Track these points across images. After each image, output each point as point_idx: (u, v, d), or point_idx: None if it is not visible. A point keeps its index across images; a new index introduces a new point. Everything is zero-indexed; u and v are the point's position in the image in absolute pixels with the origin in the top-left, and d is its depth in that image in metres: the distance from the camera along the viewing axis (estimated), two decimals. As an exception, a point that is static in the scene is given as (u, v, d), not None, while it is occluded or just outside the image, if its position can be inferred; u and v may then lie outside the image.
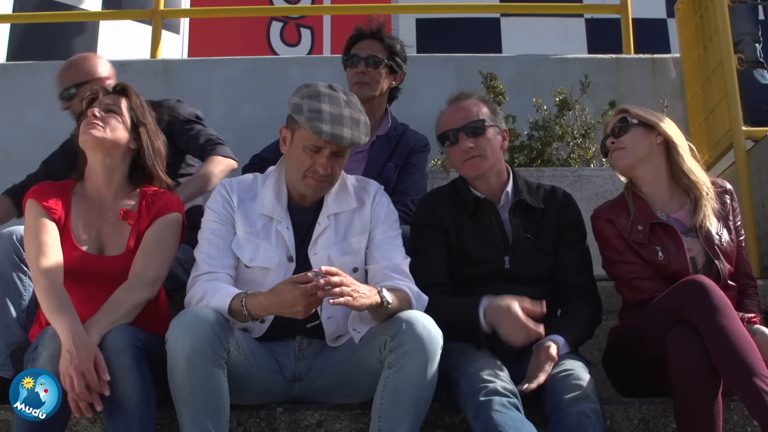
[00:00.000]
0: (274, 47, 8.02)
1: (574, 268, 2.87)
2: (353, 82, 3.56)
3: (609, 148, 2.94)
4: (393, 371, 2.42)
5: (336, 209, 2.73)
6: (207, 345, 2.36)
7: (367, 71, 3.55)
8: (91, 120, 2.74)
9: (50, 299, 2.54)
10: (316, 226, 2.70)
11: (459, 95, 3.00)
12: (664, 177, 2.91)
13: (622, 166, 2.93)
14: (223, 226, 2.69)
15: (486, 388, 2.44)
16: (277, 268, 2.65)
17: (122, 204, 2.78)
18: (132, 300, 2.60)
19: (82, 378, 2.37)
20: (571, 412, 2.44)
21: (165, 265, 2.71)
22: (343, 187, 2.77)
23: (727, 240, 2.85)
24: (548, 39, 7.05)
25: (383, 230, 2.74)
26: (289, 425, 2.62)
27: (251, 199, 2.72)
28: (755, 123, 4.09)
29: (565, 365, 2.59)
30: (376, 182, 2.86)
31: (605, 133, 2.99)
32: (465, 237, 2.85)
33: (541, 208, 2.90)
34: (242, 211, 2.70)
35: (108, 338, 2.44)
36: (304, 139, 2.62)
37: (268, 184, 2.74)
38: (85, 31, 7.01)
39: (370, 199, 2.78)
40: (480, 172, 2.87)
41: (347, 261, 2.68)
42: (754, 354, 2.44)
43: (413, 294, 2.61)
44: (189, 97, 4.66)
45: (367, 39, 3.61)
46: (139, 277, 2.65)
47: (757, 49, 4.31)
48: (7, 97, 4.74)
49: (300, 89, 2.65)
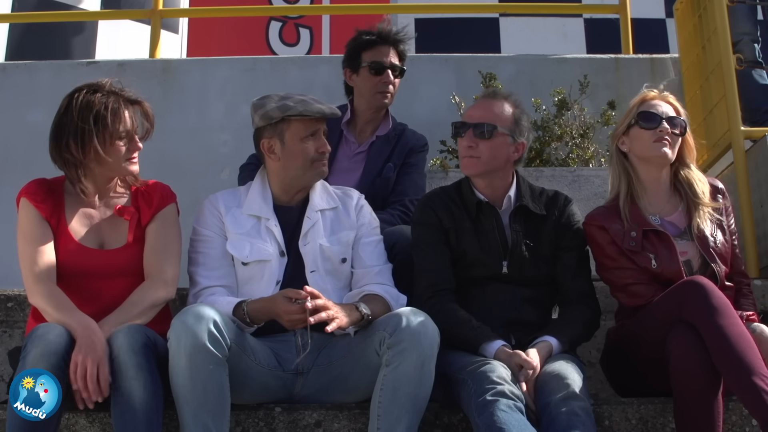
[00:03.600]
0: (273, 47, 8.01)
1: (572, 271, 2.87)
2: (379, 90, 3.52)
3: (665, 134, 2.84)
4: (391, 369, 2.44)
5: (322, 205, 2.86)
6: (208, 342, 2.38)
7: (393, 82, 3.54)
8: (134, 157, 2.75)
9: (51, 301, 2.56)
10: (305, 220, 2.81)
11: (492, 93, 3.01)
12: (668, 179, 2.90)
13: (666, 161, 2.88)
14: (213, 234, 2.80)
15: (494, 389, 2.45)
16: (273, 261, 2.74)
17: (115, 200, 2.79)
18: (149, 300, 2.63)
19: (95, 368, 2.40)
20: (560, 412, 2.44)
21: (177, 260, 2.74)
22: (324, 188, 2.92)
23: (721, 241, 2.85)
24: (547, 39, 7.04)
25: (367, 233, 2.87)
26: (287, 425, 2.63)
27: (237, 206, 2.85)
28: (754, 123, 4.08)
29: (553, 366, 2.60)
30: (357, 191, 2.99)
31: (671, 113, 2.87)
32: (464, 239, 2.85)
33: (542, 214, 2.89)
34: (230, 216, 2.82)
35: (121, 336, 2.45)
36: (298, 132, 2.79)
37: (253, 189, 2.88)
38: (84, 30, 7.01)
39: (354, 203, 2.92)
40: (471, 172, 2.88)
41: (337, 251, 2.80)
42: (753, 353, 2.45)
43: (391, 296, 2.73)
44: (188, 96, 4.69)
45: (387, 44, 3.56)
46: (156, 278, 2.68)
47: (756, 49, 4.31)
48: (5, 97, 4.73)
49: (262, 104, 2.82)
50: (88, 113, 2.66)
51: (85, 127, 2.66)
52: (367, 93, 3.54)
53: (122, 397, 2.41)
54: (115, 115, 2.68)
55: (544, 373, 2.58)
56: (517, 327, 2.77)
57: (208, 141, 4.64)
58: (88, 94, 2.70)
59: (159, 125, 2.88)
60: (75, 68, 4.72)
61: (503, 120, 2.86)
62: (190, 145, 4.61)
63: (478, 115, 2.88)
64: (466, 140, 2.85)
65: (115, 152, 2.70)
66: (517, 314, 2.79)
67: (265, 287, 2.73)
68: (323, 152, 2.82)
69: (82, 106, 2.68)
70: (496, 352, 2.61)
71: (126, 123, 2.71)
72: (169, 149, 4.43)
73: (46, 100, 4.07)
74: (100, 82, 2.75)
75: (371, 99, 3.54)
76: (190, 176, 4.37)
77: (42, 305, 2.59)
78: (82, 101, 2.68)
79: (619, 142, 2.93)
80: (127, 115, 2.71)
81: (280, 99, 2.81)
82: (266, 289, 2.73)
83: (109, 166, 2.72)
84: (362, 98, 3.58)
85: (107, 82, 2.75)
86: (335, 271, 2.80)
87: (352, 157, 3.54)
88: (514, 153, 2.89)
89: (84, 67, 4.73)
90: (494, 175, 2.88)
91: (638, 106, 2.91)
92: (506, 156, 2.87)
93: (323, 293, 2.61)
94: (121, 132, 2.69)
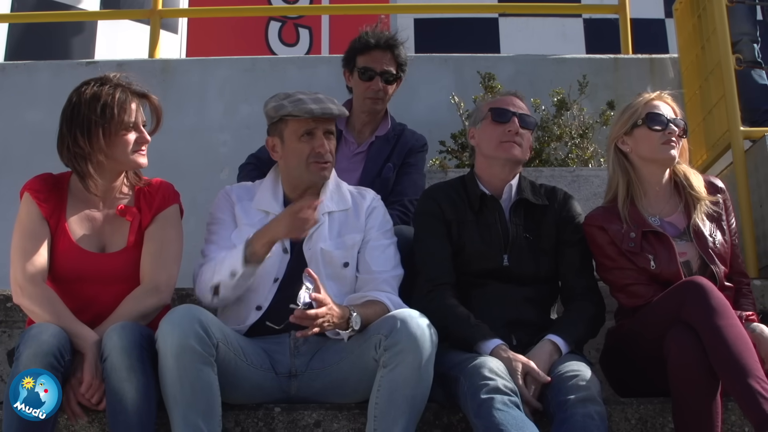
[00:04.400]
0: (273, 47, 8.01)
1: (575, 267, 2.88)
2: (367, 96, 3.54)
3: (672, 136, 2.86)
4: (388, 370, 2.43)
5: (331, 207, 2.83)
6: (195, 342, 2.38)
7: (384, 87, 3.54)
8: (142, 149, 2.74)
9: (47, 307, 2.56)
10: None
11: (518, 93, 3.02)
12: (669, 179, 2.91)
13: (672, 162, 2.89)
14: (227, 218, 2.82)
15: (487, 386, 2.44)
16: (274, 256, 2.71)
17: (118, 201, 2.78)
18: (137, 311, 2.62)
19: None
20: (576, 412, 2.44)
21: (174, 263, 2.72)
22: (338, 188, 2.88)
23: (720, 241, 2.85)
24: (546, 39, 7.04)
25: (377, 237, 2.82)
26: (286, 425, 2.62)
27: (249, 199, 2.86)
28: (753, 123, 4.08)
29: (571, 365, 2.59)
30: (373, 191, 2.95)
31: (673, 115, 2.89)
32: (466, 231, 2.86)
33: (544, 204, 2.91)
34: (241, 207, 2.83)
35: (114, 337, 2.44)
36: (296, 130, 2.78)
37: (265, 185, 2.88)
38: (83, 30, 7.00)
39: (366, 204, 2.88)
40: (511, 156, 2.88)
41: (339, 255, 2.76)
42: (750, 355, 2.44)
43: (393, 304, 2.67)
44: (187, 96, 4.69)
45: (380, 49, 3.55)
46: (147, 285, 2.67)
47: (756, 49, 4.31)
48: (4, 97, 4.73)
49: (270, 99, 2.85)
50: (95, 104, 2.66)
51: (92, 118, 2.65)
52: (359, 97, 3.57)
53: (115, 398, 2.41)
54: (121, 106, 2.68)
55: (561, 371, 2.57)
56: (517, 327, 2.77)
57: (207, 141, 4.64)
58: (95, 86, 2.71)
59: (158, 125, 2.87)
60: (74, 68, 4.71)
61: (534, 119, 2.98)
62: (189, 145, 4.61)
63: (522, 106, 2.94)
64: (514, 126, 2.88)
65: (123, 143, 2.69)
66: (518, 314, 2.79)
67: (263, 282, 2.72)
68: (319, 152, 2.77)
69: (89, 98, 2.68)
70: (492, 352, 2.61)
71: (133, 114, 2.70)
72: (169, 149, 4.42)
73: (46, 100, 4.08)
74: (107, 75, 2.76)
75: (362, 103, 3.56)
76: (189, 176, 4.36)
77: (30, 307, 2.59)
78: (90, 93, 2.68)
79: (620, 142, 2.93)
80: (134, 107, 2.71)
81: (283, 98, 2.81)
82: (264, 284, 2.72)
83: (117, 158, 2.70)
84: (357, 100, 3.60)
85: (115, 76, 2.75)
86: (337, 276, 2.76)
87: (352, 158, 3.54)
88: (530, 151, 2.98)
89: (83, 67, 4.73)
90: (517, 168, 2.93)
91: (644, 107, 2.90)
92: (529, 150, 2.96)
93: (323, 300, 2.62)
94: (128, 123, 2.69)
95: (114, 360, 2.41)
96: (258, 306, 2.71)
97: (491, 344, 2.63)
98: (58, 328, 2.48)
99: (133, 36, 6.82)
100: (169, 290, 2.71)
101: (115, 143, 2.68)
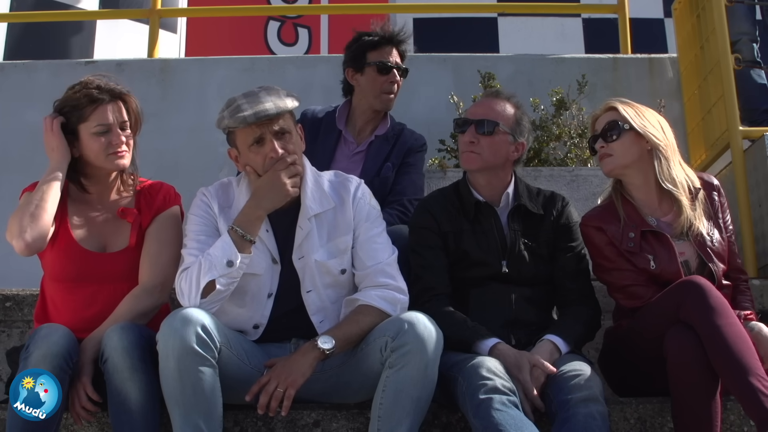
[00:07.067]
0: (272, 47, 8.01)
1: (571, 273, 2.87)
2: (384, 91, 3.52)
3: (597, 150, 2.91)
4: (394, 371, 2.42)
5: (316, 209, 2.69)
6: (197, 345, 2.37)
7: (398, 81, 3.54)
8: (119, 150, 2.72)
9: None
10: (298, 230, 2.66)
11: (495, 92, 3.01)
12: (652, 181, 2.86)
13: (609, 172, 2.89)
14: (208, 228, 2.67)
15: (485, 386, 2.44)
16: (264, 273, 2.65)
17: (118, 201, 2.78)
18: (134, 311, 2.62)
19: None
20: (578, 412, 2.44)
21: (171, 264, 2.70)
22: (317, 185, 2.73)
23: (718, 239, 2.85)
24: (545, 39, 7.05)
25: (367, 228, 2.73)
26: (286, 425, 2.62)
27: (229, 206, 2.71)
28: (752, 123, 4.09)
29: (572, 365, 2.59)
30: (356, 177, 2.83)
31: (593, 130, 2.93)
32: (464, 240, 2.85)
33: (540, 213, 2.90)
34: (223, 217, 2.69)
35: (114, 337, 2.44)
36: (244, 141, 2.64)
37: (241, 191, 2.73)
38: (82, 30, 7.01)
39: (350, 196, 2.74)
40: (472, 167, 2.88)
41: (334, 264, 2.68)
42: (750, 353, 2.45)
43: (388, 302, 2.61)
44: (186, 96, 4.69)
45: (392, 44, 3.56)
46: (144, 285, 2.67)
47: (755, 48, 4.31)
48: (4, 97, 4.74)
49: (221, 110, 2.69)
50: (69, 108, 2.72)
51: (67, 122, 2.71)
52: (371, 93, 3.53)
53: (118, 398, 2.41)
54: (93, 108, 2.70)
55: (563, 371, 2.57)
56: (517, 327, 2.77)
57: (206, 140, 4.62)
58: (71, 91, 2.75)
59: (157, 125, 2.89)
60: (73, 68, 4.71)
61: (505, 118, 2.88)
62: (188, 144, 4.61)
63: (480, 112, 2.89)
64: (468, 136, 2.86)
65: (96, 146, 2.70)
66: (517, 314, 2.79)
67: (257, 299, 2.65)
68: (272, 157, 2.60)
69: (65, 102, 2.74)
70: (491, 350, 2.61)
71: (105, 116, 2.70)
72: (168, 149, 4.43)
73: (45, 99, 4.05)
74: (88, 77, 2.78)
75: (374, 99, 3.53)
76: (188, 175, 4.35)
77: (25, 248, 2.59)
78: (66, 97, 2.75)
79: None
80: (108, 108, 2.71)
81: (225, 108, 2.66)
82: (257, 303, 2.65)
83: (92, 161, 2.73)
84: (365, 98, 3.56)
85: (95, 78, 2.76)
86: (336, 284, 2.69)
87: (351, 157, 3.54)
88: (513, 152, 2.89)
89: (82, 66, 4.72)
90: (493, 172, 2.88)
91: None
92: (506, 154, 2.88)
93: (321, 310, 2.63)
94: (98, 125, 2.70)
95: (116, 361, 2.41)
96: (255, 325, 2.66)
97: (489, 343, 2.63)
98: (67, 329, 2.48)
99: (133, 35, 6.83)
100: (166, 290, 2.71)
101: (89, 146, 2.71)
